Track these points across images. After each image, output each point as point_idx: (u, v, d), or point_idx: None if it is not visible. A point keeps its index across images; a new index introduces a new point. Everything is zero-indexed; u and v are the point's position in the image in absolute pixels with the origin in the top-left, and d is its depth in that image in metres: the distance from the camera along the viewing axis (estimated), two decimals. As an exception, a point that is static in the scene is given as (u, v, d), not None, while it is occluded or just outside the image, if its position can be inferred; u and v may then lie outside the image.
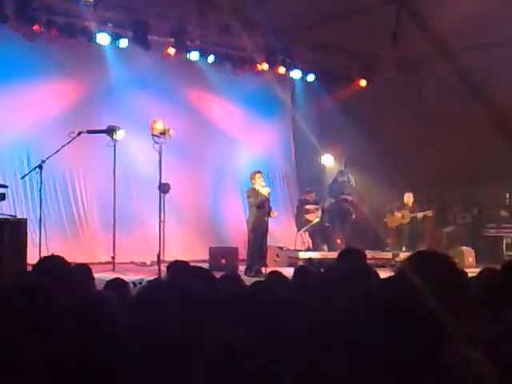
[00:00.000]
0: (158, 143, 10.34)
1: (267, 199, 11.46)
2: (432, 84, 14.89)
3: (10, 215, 8.48)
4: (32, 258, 9.14)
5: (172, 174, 12.14)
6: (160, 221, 10.56)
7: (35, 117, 11.77)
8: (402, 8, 13.91)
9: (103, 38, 11.94)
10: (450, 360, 2.14)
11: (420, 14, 14.25)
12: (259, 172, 11.69)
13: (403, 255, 13.45)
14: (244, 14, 12.96)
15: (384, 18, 13.58)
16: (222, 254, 11.98)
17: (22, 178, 10.02)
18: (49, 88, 12.05)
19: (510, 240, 14.61)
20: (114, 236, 10.61)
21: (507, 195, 14.92)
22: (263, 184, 11.56)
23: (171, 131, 10.47)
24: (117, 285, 4.41)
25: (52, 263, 4.47)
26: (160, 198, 10.54)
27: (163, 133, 10.37)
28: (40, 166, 9.44)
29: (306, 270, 5.80)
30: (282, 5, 13.21)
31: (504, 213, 14.99)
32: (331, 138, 14.94)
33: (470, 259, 13.29)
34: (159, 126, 10.45)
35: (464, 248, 13.42)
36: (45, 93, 11.99)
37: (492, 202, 15.20)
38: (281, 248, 13.36)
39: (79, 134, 9.82)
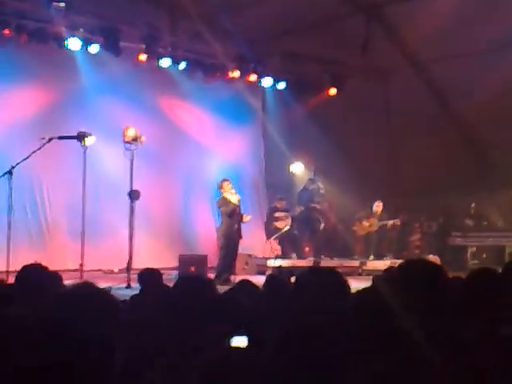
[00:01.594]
0: (129, 150, 10.31)
1: (238, 207, 11.50)
2: (400, 94, 15.08)
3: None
4: (1, 265, 9.14)
5: (142, 182, 12.09)
6: (131, 228, 10.56)
7: (4, 122, 11.64)
8: (372, 19, 14.12)
9: (74, 44, 11.85)
10: None
11: (390, 25, 14.47)
12: (226, 180, 11.70)
13: (370, 264, 13.66)
14: (216, 21, 13.01)
15: (354, 28, 13.77)
16: (191, 262, 11.95)
17: (-9, 183, 9.89)
18: (19, 93, 11.91)
19: (474, 249, 14.86)
20: (83, 244, 10.53)
21: (472, 204, 15.18)
22: (232, 191, 11.57)
23: (143, 138, 10.46)
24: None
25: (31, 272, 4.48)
26: (131, 206, 10.50)
27: (135, 139, 10.36)
28: (10, 172, 9.32)
29: (276, 279, 5.84)
30: (253, 13, 13.32)
31: (469, 221, 15.25)
32: (301, 146, 15.03)
33: (436, 268, 13.47)
34: (131, 133, 10.43)
35: (430, 256, 13.61)
36: (15, 98, 11.85)
37: (458, 211, 15.46)
38: (250, 256, 13.40)
39: (50, 140, 9.73)
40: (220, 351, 2.55)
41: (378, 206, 14.91)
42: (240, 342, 3.07)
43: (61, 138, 9.98)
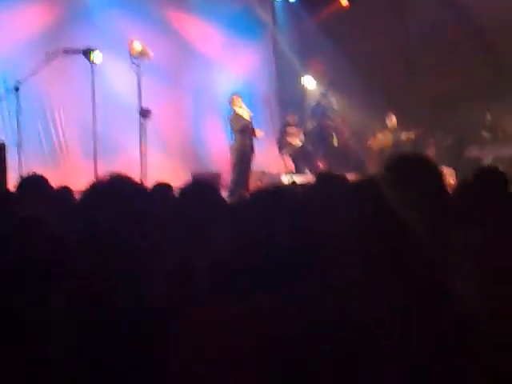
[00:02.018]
0: (136, 65, 10.07)
1: (250, 122, 11.33)
2: (418, 5, 14.60)
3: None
4: (12, 183, 9.10)
5: (153, 99, 11.90)
6: (142, 147, 10.47)
7: (9, 40, 11.33)
8: None
9: (77, -45, 11.49)
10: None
11: None
12: (236, 94, 11.48)
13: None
14: None
15: None
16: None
17: (-3, 100, 9.76)
18: (22, 10, 11.58)
19: (490, 160, 14.68)
20: (95, 163, 10.47)
21: (488, 116, 14.91)
22: (243, 106, 11.38)
23: (150, 53, 10.19)
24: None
25: (34, 182, 4.43)
26: (140, 123, 10.36)
27: (142, 53, 10.09)
28: (16, 88, 9.16)
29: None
30: None
31: (485, 134, 15.02)
32: (313, 59, 14.70)
33: (451, 179, 13.35)
34: (137, 46, 10.15)
35: (444, 168, 13.46)
36: (18, 15, 11.52)
37: (474, 124, 15.20)
38: (263, 172, 13.31)
39: (56, 53, 9.50)
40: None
41: (390, 119, 14.67)
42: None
43: (66, 51, 9.71)
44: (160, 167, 12.32)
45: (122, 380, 1.99)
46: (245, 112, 11.36)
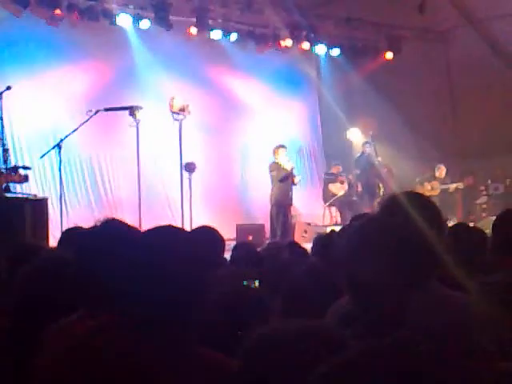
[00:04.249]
0: (177, 120, 10.39)
1: (291, 174, 11.46)
2: (460, 53, 14.65)
3: (32, 194, 8.64)
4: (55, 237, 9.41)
5: (198, 153, 12.26)
6: (186, 200, 10.71)
7: (60, 99, 11.93)
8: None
9: (124, 20, 12.03)
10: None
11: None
12: (282, 146, 11.69)
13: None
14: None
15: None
16: (248, 231, 12.02)
17: (41, 157, 10.17)
18: (73, 70, 12.18)
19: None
20: (140, 216, 10.73)
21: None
22: (287, 158, 11.56)
23: (190, 107, 10.51)
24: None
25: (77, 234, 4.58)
26: (181, 177, 10.63)
27: (182, 109, 10.42)
28: (59, 146, 9.55)
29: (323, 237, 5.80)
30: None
31: (536, 182, 14.73)
32: (358, 111, 14.86)
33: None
34: (177, 103, 10.50)
35: (494, 218, 13.21)
36: (69, 75, 12.12)
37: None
38: (309, 224, 13.34)
39: (96, 112, 9.90)
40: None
41: (440, 170, 14.59)
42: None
43: (107, 109, 10.11)
44: (205, 220, 12.49)
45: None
46: (287, 163, 11.52)
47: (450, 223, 12.85)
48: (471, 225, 11.06)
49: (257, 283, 3.11)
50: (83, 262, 2.40)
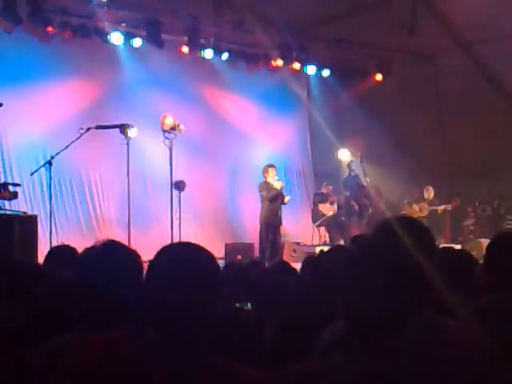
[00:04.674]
0: (168, 139, 10.41)
1: (280, 193, 11.50)
2: (449, 76, 14.79)
3: (21, 211, 8.61)
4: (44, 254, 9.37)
5: (187, 172, 12.26)
6: (177, 219, 10.71)
7: (51, 116, 11.94)
8: (418, 0, 13.85)
9: (117, 38, 12.06)
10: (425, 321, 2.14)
11: (436, 6, 14.18)
12: (272, 166, 11.74)
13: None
14: (258, 10, 12.99)
15: (399, 10, 13.54)
16: (237, 251, 12.01)
17: (31, 174, 10.17)
18: (64, 88, 12.21)
19: (530, 232, 14.42)
20: (129, 234, 10.71)
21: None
22: (276, 178, 11.60)
23: (181, 126, 10.55)
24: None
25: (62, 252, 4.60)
26: (171, 195, 10.65)
27: (173, 128, 10.46)
28: (49, 163, 9.54)
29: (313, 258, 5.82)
30: (295, 0, 13.24)
31: (524, 205, 14.83)
32: (347, 132, 14.95)
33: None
34: (169, 121, 10.55)
35: (482, 240, 13.29)
36: (60, 92, 12.15)
37: (512, 194, 15.06)
38: (298, 243, 13.36)
39: (88, 129, 9.93)
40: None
41: (429, 192, 14.70)
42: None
43: (98, 127, 10.14)
44: (193, 238, 12.45)
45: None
46: (276, 182, 11.57)
47: (438, 245, 12.99)
48: (458, 247, 11.19)
49: (249, 305, 3.13)
50: (86, 281, 2.44)
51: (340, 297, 2.13)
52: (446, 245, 11.56)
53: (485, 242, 13.27)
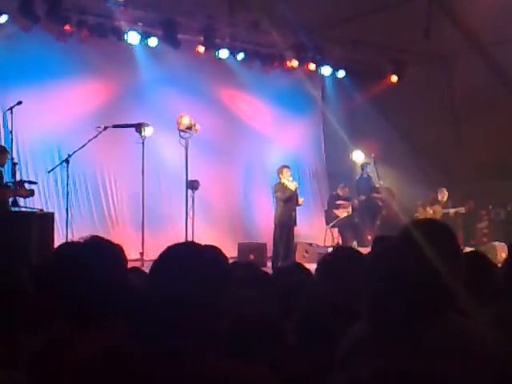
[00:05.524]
0: (184, 138, 10.45)
1: (295, 194, 11.50)
2: (464, 78, 14.76)
3: (38, 209, 8.68)
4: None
5: (201, 171, 12.30)
6: (189, 218, 10.76)
7: (67, 114, 11.99)
8: (434, 2, 13.82)
9: (133, 37, 12.13)
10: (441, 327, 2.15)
11: (452, 8, 14.15)
12: (286, 167, 11.75)
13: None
14: (273, 10, 13.00)
15: (415, 13, 13.51)
16: (250, 250, 12.04)
17: (49, 172, 10.25)
18: (80, 86, 12.25)
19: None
20: (143, 233, 10.78)
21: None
22: (290, 179, 11.62)
23: (197, 126, 10.60)
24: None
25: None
26: (187, 195, 10.73)
27: (189, 127, 10.51)
28: (66, 161, 9.61)
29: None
30: (311, 1, 13.25)
31: (538, 208, 14.76)
32: (362, 134, 14.93)
33: (503, 254, 13.07)
34: (185, 121, 10.60)
35: (496, 243, 13.23)
36: (76, 91, 12.20)
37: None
38: (310, 244, 13.36)
39: (105, 128, 10.01)
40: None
41: (443, 194, 14.64)
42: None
43: (115, 126, 10.21)
44: (207, 238, 12.52)
45: None
46: (291, 183, 11.58)
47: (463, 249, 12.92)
48: (472, 250, 11.15)
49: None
50: (69, 277, 2.45)
51: (364, 299, 2.15)
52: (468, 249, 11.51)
53: (499, 245, 13.23)
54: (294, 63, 14.00)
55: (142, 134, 10.65)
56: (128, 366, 1.97)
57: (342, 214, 13.95)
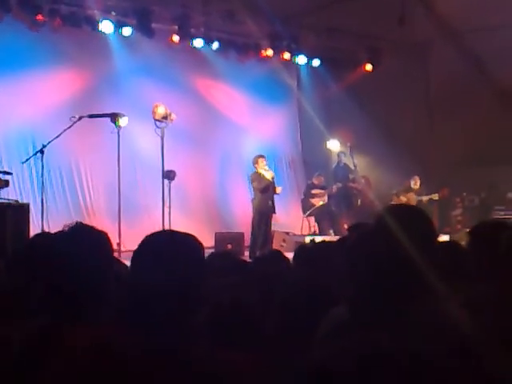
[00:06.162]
0: (159, 128, 10.39)
1: (271, 183, 11.52)
2: (439, 66, 14.85)
3: (13, 200, 8.59)
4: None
5: (178, 161, 12.25)
6: (165, 208, 10.72)
7: (40, 105, 11.87)
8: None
9: (107, 27, 12.02)
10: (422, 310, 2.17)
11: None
12: (262, 156, 11.75)
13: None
14: (247, -1, 12.97)
15: (390, 1, 13.54)
16: (228, 240, 12.04)
17: (23, 162, 10.14)
18: (54, 76, 12.14)
19: (516, 221, 14.52)
20: (120, 223, 10.71)
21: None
22: (266, 168, 11.63)
23: (173, 115, 10.54)
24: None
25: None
26: (163, 184, 10.69)
27: (165, 117, 10.45)
28: (41, 151, 9.51)
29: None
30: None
31: (511, 195, 14.92)
32: (337, 122, 14.98)
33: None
34: (161, 111, 10.53)
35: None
36: (50, 81, 12.08)
37: (501, 185, 15.14)
38: (287, 233, 13.40)
39: (80, 118, 9.91)
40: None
41: (415, 181, 14.75)
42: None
43: (91, 116, 10.12)
44: (183, 227, 12.45)
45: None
46: (267, 173, 11.59)
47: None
48: (446, 237, 11.25)
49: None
50: (55, 266, 2.43)
51: (343, 285, 2.18)
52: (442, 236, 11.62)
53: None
54: (269, 52, 13.99)
55: (118, 123, 10.56)
56: (116, 359, 1.96)
57: (318, 202, 14.00)
